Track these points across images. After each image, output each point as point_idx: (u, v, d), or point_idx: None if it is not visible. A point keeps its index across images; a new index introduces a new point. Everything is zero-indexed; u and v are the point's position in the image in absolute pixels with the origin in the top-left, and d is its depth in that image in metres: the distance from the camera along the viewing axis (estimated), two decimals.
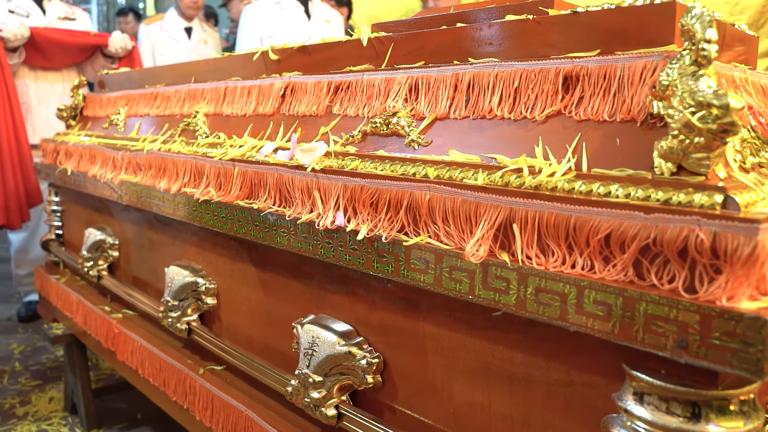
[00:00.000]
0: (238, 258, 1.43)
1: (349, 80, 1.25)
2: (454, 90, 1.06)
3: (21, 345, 3.23)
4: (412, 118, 1.10)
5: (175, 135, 1.70)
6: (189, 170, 1.50)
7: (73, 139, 2.20)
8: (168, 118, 1.83)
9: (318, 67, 1.37)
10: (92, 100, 2.37)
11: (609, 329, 0.74)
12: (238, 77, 1.60)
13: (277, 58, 1.48)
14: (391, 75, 1.16)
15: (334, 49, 1.33)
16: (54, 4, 3.44)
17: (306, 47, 1.40)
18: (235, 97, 1.57)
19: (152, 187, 1.61)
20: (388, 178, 1.00)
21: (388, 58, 1.20)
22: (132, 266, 1.96)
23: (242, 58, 1.62)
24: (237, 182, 1.33)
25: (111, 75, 2.39)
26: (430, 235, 0.95)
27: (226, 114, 1.58)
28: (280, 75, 1.45)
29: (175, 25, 4.07)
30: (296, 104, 1.37)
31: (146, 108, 1.97)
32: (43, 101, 3.34)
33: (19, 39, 3.00)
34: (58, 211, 2.46)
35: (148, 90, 2.00)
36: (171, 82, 1.94)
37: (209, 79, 1.74)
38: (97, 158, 1.98)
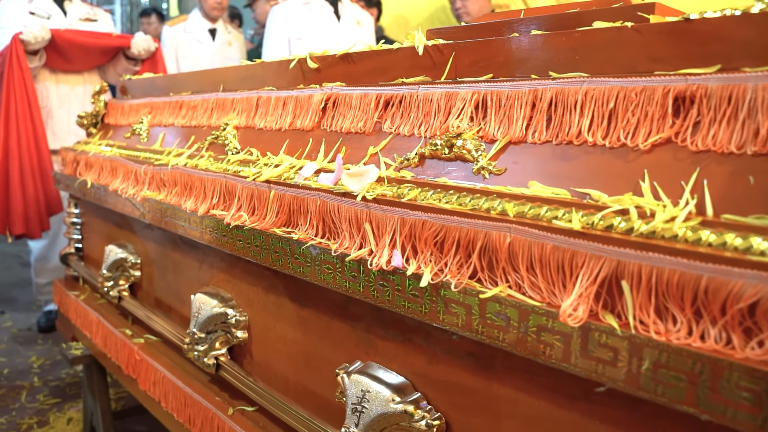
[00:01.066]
0: (273, 290, 1.28)
1: (402, 94, 1.09)
2: (531, 109, 0.90)
3: (40, 358, 3.12)
4: (480, 140, 0.94)
5: (203, 149, 1.56)
6: (218, 190, 1.36)
7: (93, 150, 2.07)
8: (194, 129, 1.69)
9: (364, 77, 1.22)
10: (114, 107, 2.25)
11: (758, 424, 0.58)
12: (272, 87, 1.46)
13: (317, 66, 1.33)
14: (453, 89, 1.01)
15: (384, 58, 1.18)
16: (75, 6, 3.33)
17: (350, 55, 1.25)
18: (269, 109, 1.42)
19: (177, 207, 1.48)
20: (457, 213, 0.85)
21: (448, 69, 1.04)
22: (155, 288, 1.82)
23: (276, 65, 1.47)
24: (273, 207, 1.18)
25: (134, 81, 2.26)
26: (511, 285, 0.80)
27: (259, 127, 1.43)
28: (320, 86, 1.30)
29: (199, 27, 3.94)
30: (339, 119, 1.22)
31: (171, 117, 1.84)
32: (63, 105, 3.23)
33: (40, 42, 2.89)
34: (77, 224, 2.33)
35: (172, 98, 1.87)
36: (197, 90, 1.81)
37: (239, 88, 1.60)
38: (118, 171, 1.85)
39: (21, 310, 3.90)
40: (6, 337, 3.40)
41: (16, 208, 2.85)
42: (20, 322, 3.67)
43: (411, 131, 1.06)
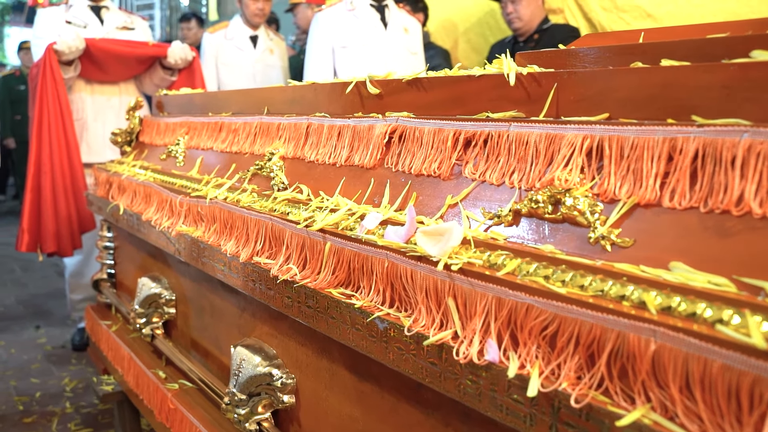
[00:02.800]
0: (326, 355, 1.10)
1: (488, 132, 0.90)
2: (667, 162, 0.70)
3: (73, 380, 3.00)
4: (595, 198, 0.75)
5: (245, 180, 1.39)
6: (263, 233, 1.18)
7: (126, 172, 1.92)
8: (235, 156, 1.52)
9: (436, 107, 1.03)
10: (149, 124, 2.09)
11: None
12: (324, 113, 1.28)
13: (378, 91, 1.15)
14: (556, 130, 0.81)
15: (462, 86, 0.99)
16: (112, 14, 3.20)
17: (420, 80, 1.06)
18: (321, 139, 1.24)
19: (216, 248, 1.30)
20: (575, 301, 0.66)
21: (548, 104, 0.85)
22: (191, 328, 1.66)
23: (329, 88, 1.29)
24: (329, 263, 1.00)
25: (170, 96, 2.11)
26: (654, 406, 0.60)
27: (310, 160, 1.25)
28: (383, 115, 1.12)
29: (240, 34, 3.79)
30: (407, 157, 1.03)
31: (209, 140, 1.67)
32: (99, 117, 3.11)
33: (74, 51, 2.76)
34: (110, 248, 2.19)
35: (211, 119, 1.70)
36: (239, 111, 1.64)
37: (286, 112, 1.42)
38: (152, 198, 1.69)
39: (56, 324, 3.80)
40: (40, 356, 3.30)
41: (47, 225, 2.73)
42: (55, 338, 3.56)
43: (500, 179, 0.87)
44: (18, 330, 3.69)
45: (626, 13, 3.26)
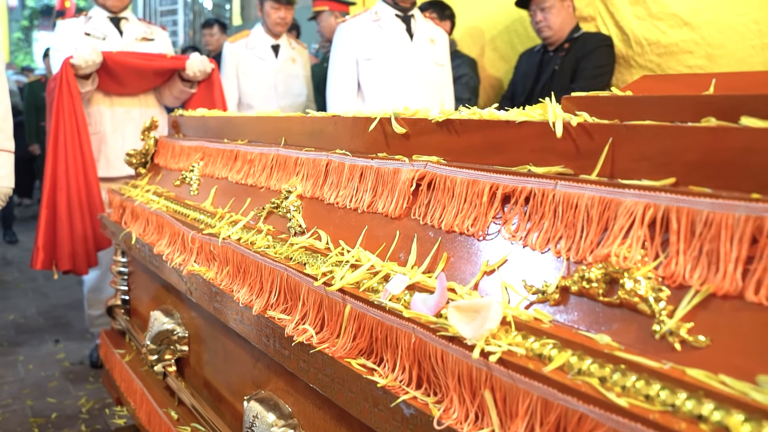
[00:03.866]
0: (346, 423, 1.00)
1: (531, 188, 0.79)
2: (750, 245, 0.59)
3: (90, 400, 2.93)
4: (659, 282, 0.64)
5: (260, 218, 1.29)
6: (278, 284, 1.08)
7: (140, 198, 1.84)
8: (251, 189, 1.42)
9: (471, 153, 0.92)
10: (164, 146, 2.01)
11: None
12: (346, 150, 1.17)
13: (405, 131, 1.04)
14: (612, 194, 0.70)
15: (500, 132, 0.87)
16: (132, 25, 3.13)
17: (452, 122, 0.95)
18: (342, 180, 1.14)
19: (228, 295, 1.21)
20: (638, 417, 0.55)
21: (602, 161, 0.74)
22: (204, 369, 1.56)
23: (351, 123, 1.18)
24: (349, 328, 0.90)
25: (186, 118, 2.02)
26: None
27: (329, 201, 1.15)
28: (410, 158, 1.01)
29: (261, 43, 3.70)
30: (437, 209, 0.92)
31: (224, 169, 1.58)
32: (118, 130, 3.04)
33: (91, 65, 2.69)
34: (124, 273, 2.11)
35: (227, 146, 1.61)
36: (255, 139, 1.54)
37: (305, 145, 1.32)
38: (164, 230, 1.61)
39: (75, 337, 3.75)
40: (58, 373, 3.24)
41: (63, 243, 2.67)
42: (73, 353, 3.50)
43: (545, 246, 0.76)
44: (37, 344, 3.65)
45: (661, 22, 3.11)
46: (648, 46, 3.17)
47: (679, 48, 3.05)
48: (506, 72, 4.01)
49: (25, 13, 13.51)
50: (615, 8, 3.33)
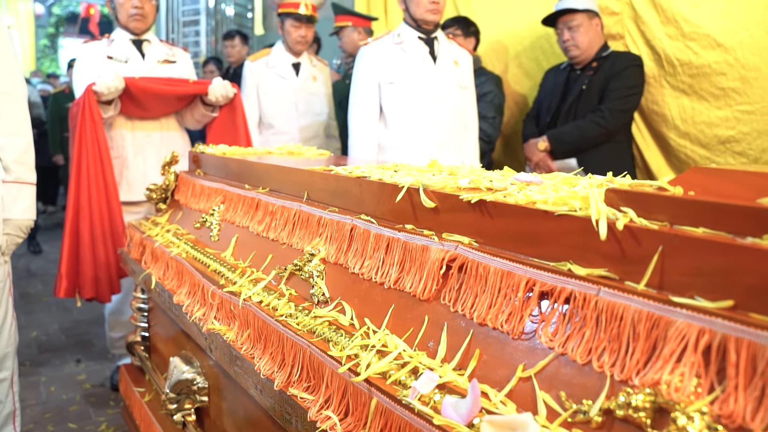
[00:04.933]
0: None
1: (570, 290, 0.74)
2: None
3: (110, 426, 2.91)
4: (716, 420, 0.58)
5: (282, 278, 1.25)
6: (300, 360, 1.04)
7: (160, 238, 1.80)
8: (273, 244, 1.38)
9: (505, 240, 0.87)
10: (185, 182, 1.98)
11: None
12: (371, 218, 1.12)
13: (434, 205, 0.99)
14: (662, 311, 0.64)
15: (538, 222, 0.82)
16: (154, 47, 3.11)
17: (485, 204, 0.89)
18: (367, 248, 1.09)
19: (249, 362, 1.16)
20: None
21: (650, 273, 0.68)
22: (224, 423, 1.52)
23: (377, 188, 1.13)
24: (375, 423, 0.85)
25: (206, 156, 1.98)
26: None
27: (353, 271, 1.10)
28: (440, 235, 0.96)
29: (282, 62, 3.67)
30: (469, 297, 0.87)
31: (245, 218, 1.54)
32: (139, 154, 3.02)
33: (113, 92, 2.67)
34: (144, 310, 2.08)
35: (248, 193, 1.57)
36: (277, 188, 1.50)
37: (328, 202, 1.28)
38: (184, 278, 1.57)
39: (96, 357, 3.75)
40: (78, 396, 3.23)
41: (86, 271, 2.65)
42: (94, 374, 3.50)
43: (586, 357, 0.70)
44: (59, 364, 3.65)
45: (694, 42, 3.03)
46: (680, 67, 3.09)
47: (712, 69, 2.97)
48: (531, 89, 3.94)
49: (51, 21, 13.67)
50: (646, 27, 3.25)
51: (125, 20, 3.04)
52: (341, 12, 4.30)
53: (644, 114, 3.29)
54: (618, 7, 3.38)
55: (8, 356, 2.27)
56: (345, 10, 4.33)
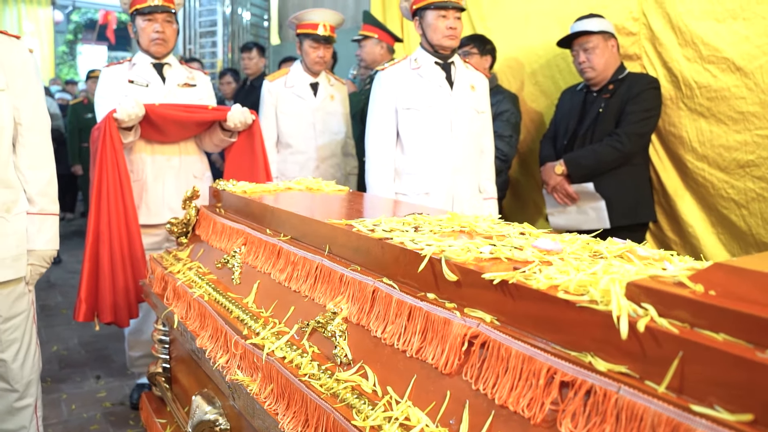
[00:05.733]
0: None
1: (590, 384, 0.75)
2: None
3: None
4: None
5: (305, 334, 1.27)
6: (324, 424, 1.06)
7: (182, 277, 1.83)
8: (294, 296, 1.40)
9: (526, 322, 0.88)
10: (206, 218, 2.01)
11: None
12: (392, 281, 1.14)
13: (456, 279, 1.01)
14: (682, 418, 0.65)
15: (559, 309, 0.83)
16: (174, 71, 3.15)
17: (507, 285, 0.91)
18: (389, 314, 1.11)
19: (273, 419, 1.19)
20: None
21: (670, 375, 0.69)
22: None
23: (400, 253, 1.15)
24: None
25: (227, 193, 2.01)
26: None
27: (375, 334, 1.12)
28: (462, 311, 0.98)
29: (300, 82, 3.70)
30: (490, 377, 0.89)
31: (267, 264, 1.56)
32: (159, 178, 3.05)
33: (134, 119, 2.71)
34: (165, 342, 2.11)
35: (270, 239, 1.59)
36: (298, 237, 1.52)
37: (351, 259, 1.30)
38: (207, 321, 1.60)
39: (116, 373, 3.79)
40: (99, 415, 3.27)
41: (105, 297, 2.69)
42: (114, 392, 3.54)
43: None
44: (79, 381, 3.70)
45: (712, 65, 3.02)
46: (698, 89, 3.08)
47: (731, 93, 2.96)
48: (547, 107, 3.94)
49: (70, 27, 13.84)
50: (663, 48, 3.24)
51: (146, 44, 3.07)
52: (370, 22, 4.29)
53: (661, 136, 3.28)
54: (635, 27, 3.38)
55: (32, 383, 2.31)
56: (375, 21, 4.32)
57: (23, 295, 2.22)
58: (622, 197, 3.14)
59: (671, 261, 0.98)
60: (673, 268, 0.87)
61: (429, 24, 2.85)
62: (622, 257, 1.03)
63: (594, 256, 1.06)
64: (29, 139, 2.18)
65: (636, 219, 3.19)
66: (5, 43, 2.14)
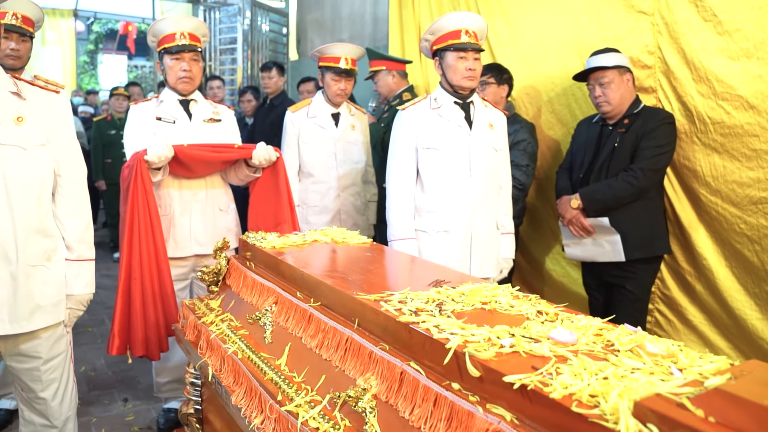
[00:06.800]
0: None
1: None
2: None
3: None
4: None
5: (336, 405, 1.36)
6: None
7: (215, 329, 1.93)
8: (326, 364, 1.50)
9: (544, 425, 0.97)
10: (236, 270, 2.11)
11: None
12: (419, 366, 1.23)
13: (479, 375, 1.10)
14: None
15: (573, 422, 0.92)
16: (200, 106, 3.25)
17: (526, 390, 1.00)
18: (416, 397, 1.20)
19: None
20: None
21: None
22: None
23: (426, 340, 1.23)
24: None
25: (256, 248, 2.11)
26: None
27: (403, 415, 1.21)
28: (484, 405, 1.07)
29: (322, 112, 3.80)
30: None
31: (298, 327, 1.66)
32: (186, 212, 3.16)
33: (164, 161, 2.83)
34: (197, 385, 2.22)
35: (301, 304, 1.69)
36: (329, 305, 1.61)
37: (380, 336, 1.38)
38: (240, 379, 1.69)
39: (142, 396, 3.91)
40: None
41: (137, 332, 2.81)
42: (141, 416, 3.66)
43: None
44: (108, 403, 3.81)
45: (726, 102, 3.07)
46: (711, 125, 3.14)
47: (744, 130, 3.01)
48: (563, 135, 4.01)
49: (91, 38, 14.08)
50: (678, 83, 3.30)
51: (174, 82, 3.18)
52: (375, 57, 4.42)
53: (676, 168, 3.34)
54: (651, 61, 3.44)
55: (70, 419, 2.43)
56: (379, 55, 4.45)
57: (62, 337, 2.34)
58: (637, 231, 3.20)
59: (678, 360, 1.06)
60: (679, 375, 0.96)
61: (449, 65, 2.93)
62: (633, 352, 1.12)
63: (606, 348, 1.14)
64: (67, 189, 2.29)
65: (651, 252, 3.25)
66: (46, 98, 2.26)
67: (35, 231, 2.16)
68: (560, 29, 3.95)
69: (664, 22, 3.35)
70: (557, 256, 4.08)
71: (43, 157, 2.19)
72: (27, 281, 2.14)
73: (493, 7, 4.47)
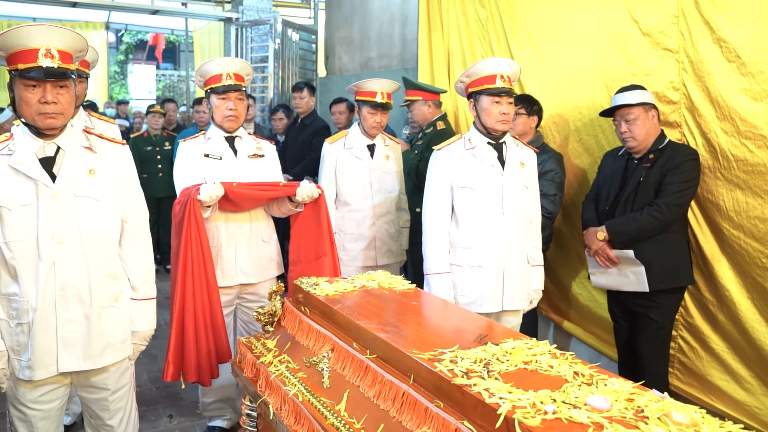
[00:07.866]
0: None
1: None
2: None
3: None
4: None
5: None
6: None
7: (274, 370, 2.11)
8: (383, 414, 1.66)
9: None
10: (290, 313, 2.29)
11: None
12: (471, 424, 1.40)
13: None
14: None
15: None
16: (244, 142, 3.45)
17: None
18: None
19: None
20: None
21: None
22: None
23: (477, 403, 1.40)
24: None
25: (310, 295, 2.29)
26: None
27: None
28: None
29: (358, 143, 3.99)
30: None
31: (356, 375, 1.83)
32: (231, 243, 3.36)
33: (214, 200, 3.03)
34: (253, 417, 2.40)
35: (357, 353, 1.86)
36: (384, 358, 1.78)
37: (434, 394, 1.55)
38: (302, 420, 1.87)
39: (186, 413, 4.10)
40: None
41: (189, 360, 3.01)
42: None
43: None
44: (154, 420, 4.02)
45: (750, 141, 3.19)
46: (734, 162, 3.25)
47: (767, 169, 3.13)
48: (590, 164, 4.14)
49: (122, 48, 14.45)
50: (702, 119, 3.41)
51: (220, 120, 3.38)
52: (412, 87, 4.58)
53: (700, 202, 3.46)
54: (676, 96, 3.56)
55: None
56: (416, 85, 4.60)
57: (127, 369, 2.55)
58: (661, 263, 3.34)
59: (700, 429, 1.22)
60: None
61: (483, 108, 3.09)
62: (660, 420, 1.28)
63: (637, 415, 1.31)
64: (133, 235, 2.49)
65: (674, 283, 3.38)
66: (113, 150, 2.46)
67: (106, 275, 2.37)
68: (587, 61, 4.08)
69: (689, 60, 3.47)
70: (584, 281, 4.22)
71: (113, 206, 2.39)
72: (99, 321, 2.34)
73: (521, 36, 4.62)
